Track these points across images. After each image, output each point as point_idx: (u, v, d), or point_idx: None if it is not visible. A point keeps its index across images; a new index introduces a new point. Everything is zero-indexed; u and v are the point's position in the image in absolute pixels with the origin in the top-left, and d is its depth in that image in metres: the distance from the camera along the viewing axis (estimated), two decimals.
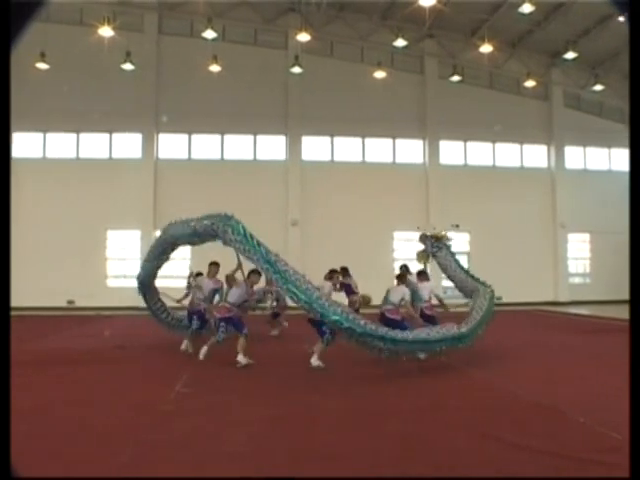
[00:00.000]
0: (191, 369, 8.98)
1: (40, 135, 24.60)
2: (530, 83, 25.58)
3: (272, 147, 25.65)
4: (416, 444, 5.08)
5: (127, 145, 24.99)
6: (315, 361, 8.82)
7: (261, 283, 10.60)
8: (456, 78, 25.60)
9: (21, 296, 23.17)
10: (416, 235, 25.73)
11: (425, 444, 5.09)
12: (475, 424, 5.71)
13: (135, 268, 24.47)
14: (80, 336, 14.44)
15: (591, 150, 27.82)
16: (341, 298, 11.92)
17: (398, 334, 8.23)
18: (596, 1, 20.83)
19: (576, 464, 4.47)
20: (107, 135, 24.95)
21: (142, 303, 23.47)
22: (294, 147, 25.44)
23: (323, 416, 6.12)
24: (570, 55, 23.85)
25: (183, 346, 10.56)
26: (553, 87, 27.34)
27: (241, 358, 9.09)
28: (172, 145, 25.28)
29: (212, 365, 9.25)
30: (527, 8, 19.70)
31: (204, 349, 9.57)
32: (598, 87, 25.77)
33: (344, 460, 4.59)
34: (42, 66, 22.31)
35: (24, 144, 24.56)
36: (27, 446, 4.93)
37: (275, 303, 13.88)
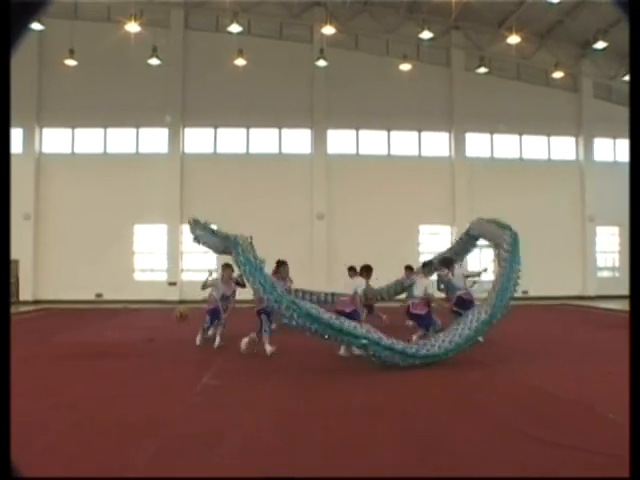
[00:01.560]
0: (218, 361, 9.06)
1: (69, 131, 24.95)
2: (559, 74, 25.18)
3: (297, 141, 25.67)
4: (441, 439, 5.05)
5: (154, 140, 25.22)
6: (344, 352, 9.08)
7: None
8: (483, 70, 25.31)
9: (50, 289, 23.65)
10: (442, 229, 25.79)
11: (449, 438, 5.05)
12: (501, 418, 5.67)
13: (162, 262, 24.91)
14: (109, 329, 14.62)
15: (621, 142, 27.29)
16: None
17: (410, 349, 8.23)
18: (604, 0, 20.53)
19: (605, 460, 4.40)
20: (134, 130, 25.20)
21: (169, 296, 23.80)
22: (319, 140, 25.41)
23: (347, 410, 6.11)
24: (600, 45, 23.38)
25: (216, 343, 10.41)
26: (582, 78, 26.88)
27: (268, 347, 9.33)
28: (198, 139, 25.44)
29: (239, 357, 9.31)
30: None
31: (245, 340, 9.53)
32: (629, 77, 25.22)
33: (368, 456, 4.59)
34: (70, 62, 22.60)
35: (53, 140, 24.96)
36: (58, 438, 5.02)
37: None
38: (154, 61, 23.18)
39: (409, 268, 13.81)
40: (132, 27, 20.72)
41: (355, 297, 9.44)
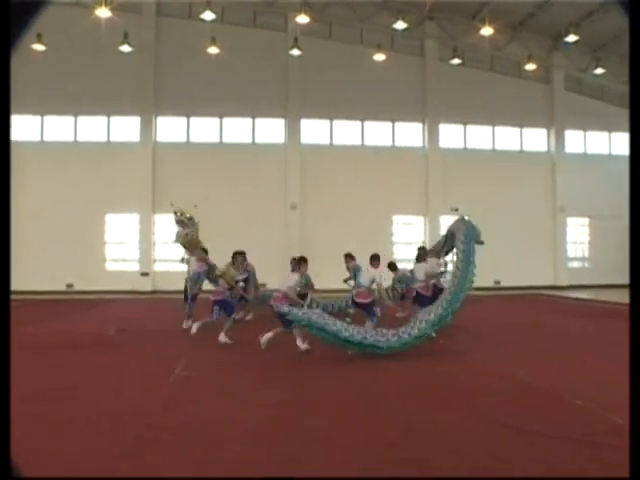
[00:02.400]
0: (190, 352, 9.01)
1: (37, 118, 24.42)
2: (531, 66, 25.37)
3: (271, 130, 25.51)
4: (416, 426, 5.09)
5: (125, 128, 24.84)
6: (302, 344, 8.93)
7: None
8: (456, 61, 25.37)
9: (19, 280, 23.19)
10: (415, 219, 25.93)
11: (425, 425, 5.10)
12: (475, 406, 5.73)
13: (134, 252, 24.64)
14: (81, 320, 14.45)
15: (591, 134, 27.69)
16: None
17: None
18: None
19: (573, 446, 4.48)
20: (105, 118, 24.78)
21: (141, 287, 23.59)
22: (293, 130, 25.30)
23: (325, 401, 6.13)
24: (572, 38, 23.61)
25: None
26: (554, 70, 27.13)
27: (222, 337, 9.60)
28: (171, 128, 25.11)
29: (210, 348, 9.28)
30: None
31: (195, 325, 10.20)
32: (599, 70, 25.57)
33: (347, 447, 4.60)
34: (38, 47, 22.08)
35: (21, 127, 24.41)
36: (28, 430, 4.94)
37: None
38: (125, 48, 22.78)
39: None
40: (102, 12, 20.27)
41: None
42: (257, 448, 4.49)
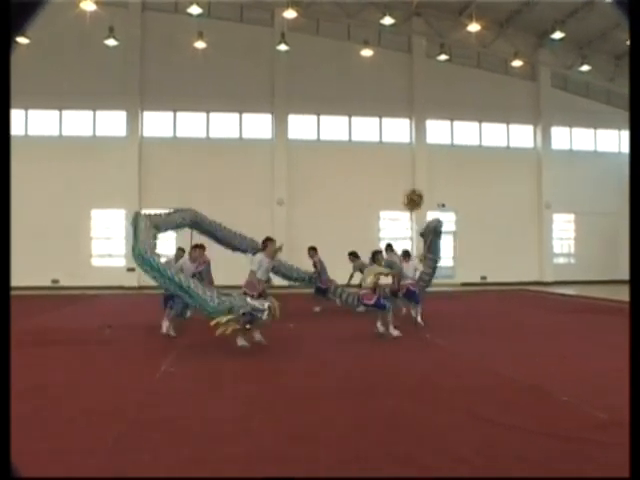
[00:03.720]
0: (176, 349, 8.98)
1: (22, 112, 24.08)
2: (517, 63, 25.46)
3: (258, 125, 25.42)
4: (403, 423, 5.10)
5: (111, 123, 24.63)
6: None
7: None
8: (443, 57, 25.38)
9: None
10: (402, 215, 25.92)
11: (412, 422, 5.11)
12: (461, 403, 5.75)
13: (120, 247, 24.45)
14: (66, 316, 14.35)
15: (577, 131, 27.86)
16: None
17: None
18: None
19: (561, 442, 4.50)
20: (91, 112, 24.56)
21: (127, 282, 23.46)
22: (280, 125, 25.23)
23: (308, 395, 6.13)
24: (557, 35, 23.70)
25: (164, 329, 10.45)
26: (540, 67, 27.23)
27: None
28: (157, 123, 24.94)
29: (196, 345, 9.25)
30: None
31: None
32: (585, 68, 25.71)
33: (331, 442, 4.60)
34: (22, 40, 21.78)
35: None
36: (19, 426, 4.90)
37: None
38: (111, 42, 22.56)
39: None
40: (88, 5, 20.03)
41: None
42: (249, 446, 4.47)
